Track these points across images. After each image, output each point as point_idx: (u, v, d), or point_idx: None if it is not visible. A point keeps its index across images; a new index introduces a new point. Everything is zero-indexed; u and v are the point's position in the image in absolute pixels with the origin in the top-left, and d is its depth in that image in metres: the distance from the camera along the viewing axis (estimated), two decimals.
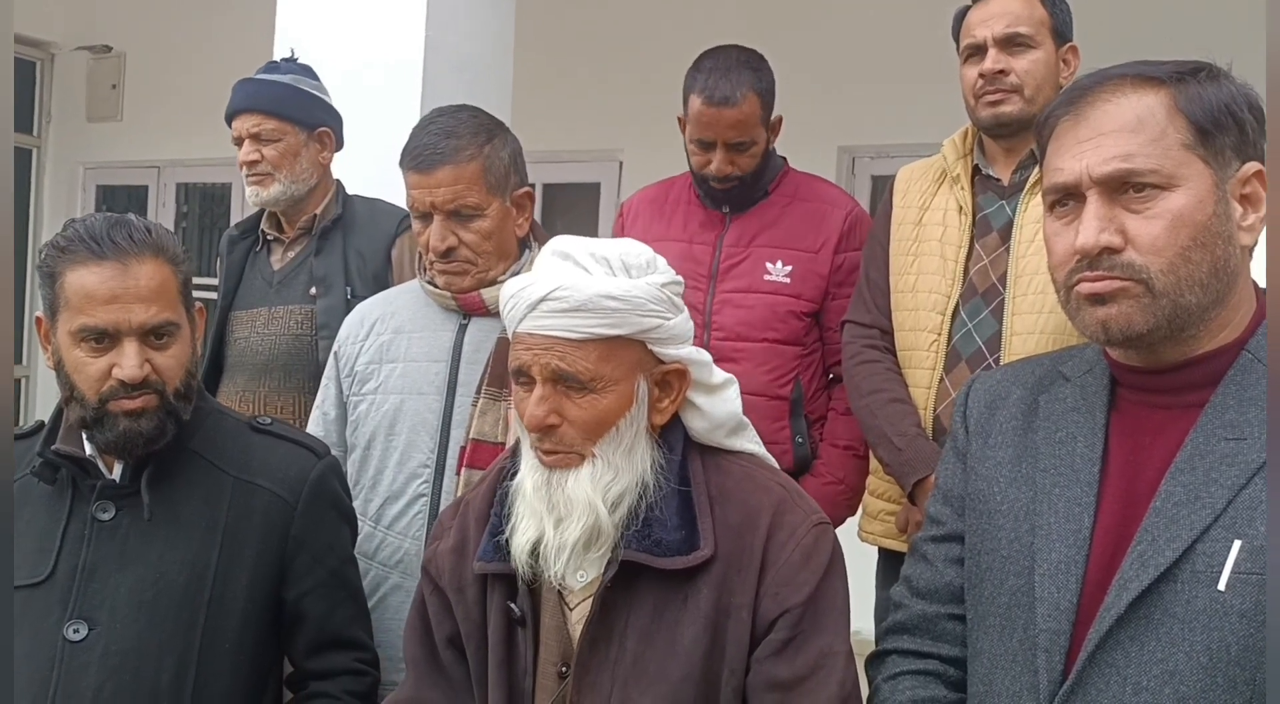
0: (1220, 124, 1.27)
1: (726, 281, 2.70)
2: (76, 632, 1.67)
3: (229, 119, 2.87)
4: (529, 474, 1.53)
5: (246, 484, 1.79)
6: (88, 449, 1.75)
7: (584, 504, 1.47)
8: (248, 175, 2.84)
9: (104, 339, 1.67)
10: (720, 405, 1.60)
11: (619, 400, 1.49)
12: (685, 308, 1.57)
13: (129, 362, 1.67)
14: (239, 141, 2.85)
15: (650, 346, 1.51)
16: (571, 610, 1.56)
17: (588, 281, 1.47)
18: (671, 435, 1.57)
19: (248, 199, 2.88)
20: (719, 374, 1.61)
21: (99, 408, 1.69)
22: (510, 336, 1.54)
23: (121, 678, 1.67)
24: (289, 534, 1.80)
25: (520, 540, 1.51)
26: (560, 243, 1.54)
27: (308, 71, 2.93)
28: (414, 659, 1.66)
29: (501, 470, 1.64)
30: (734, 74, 2.61)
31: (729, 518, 1.52)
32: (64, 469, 1.75)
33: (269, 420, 1.91)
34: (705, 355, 1.59)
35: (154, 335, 1.70)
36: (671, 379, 1.54)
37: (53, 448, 1.74)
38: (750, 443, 1.64)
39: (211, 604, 1.73)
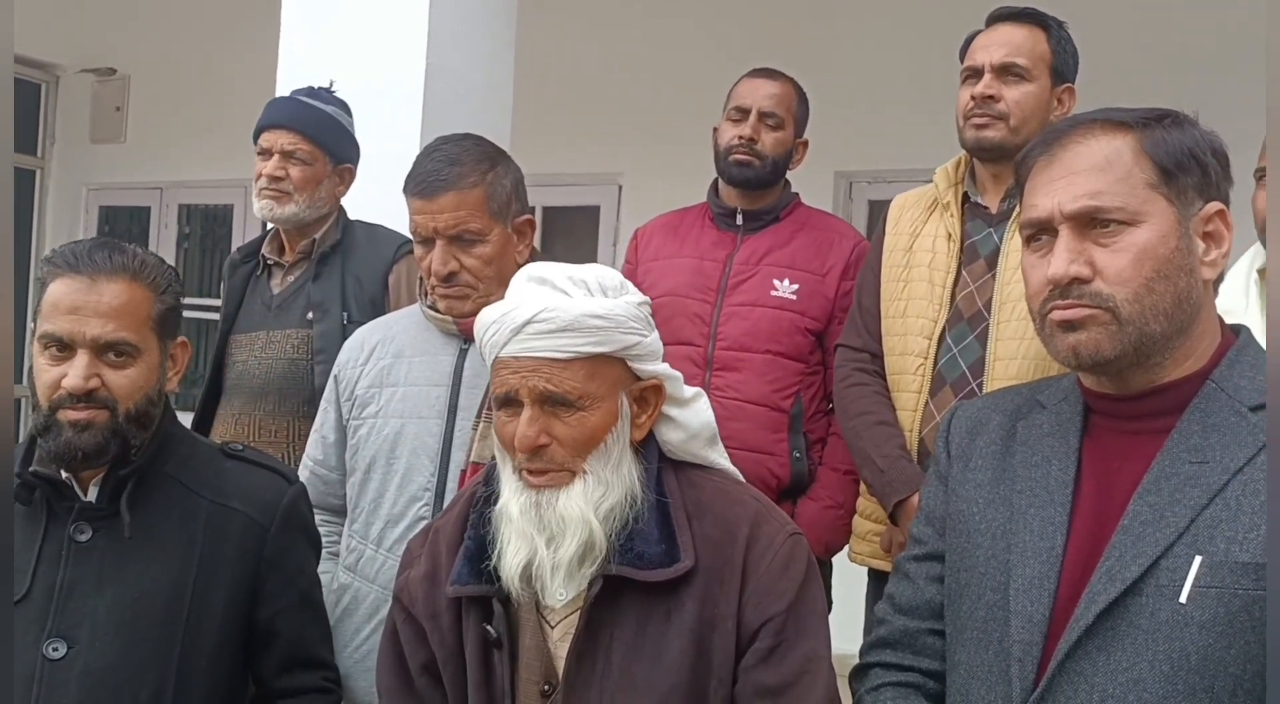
0: (1183, 166, 1.36)
1: (734, 295, 2.78)
2: (55, 650, 1.69)
3: (261, 130, 2.86)
4: (513, 497, 1.54)
5: (221, 507, 1.83)
6: (63, 472, 1.76)
7: (578, 521, 1.50)
8: (264, 188, 2.82)
9: (62, 348, 1.70)
10: (694, 416, 1.64)
11: (605, 417, 1.53)
12: (656, 327, 1.62)
13: (75, 371, 1.69)
14: (265, 154, 2.84)
15: (630, 363, 1.56)
16: (553, 629, 1.58)
17: (571, 303, 1.51)
18: (647, 451, 1.61)
19: (256, 212, 2.86)
20: (688, 388, 1.66)
21: (49, 415, 1.70)
22: (490, 364, 1.57)
23: (100, 696, 1.68)
24: (262, 556, 1.84)
25: (511, 562, 1.52)
26: (535, 268, 1.58)
27: (346, 108, 2.96)
28: (388, 689, 1.67)
29: (473, 496, 1.65)
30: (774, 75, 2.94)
31: (707, 531, 1.56)
32: (39, 490, 1.75)
33: (240, 446, 1.95)
34: (676, 372, 1.64)
35: (111, 352, 1.71)
36: (648, 395, 1.59)
37: (30, 469, 1.75)
38: (722, 458, 1.69)
39: (189, 624, 1.76)
